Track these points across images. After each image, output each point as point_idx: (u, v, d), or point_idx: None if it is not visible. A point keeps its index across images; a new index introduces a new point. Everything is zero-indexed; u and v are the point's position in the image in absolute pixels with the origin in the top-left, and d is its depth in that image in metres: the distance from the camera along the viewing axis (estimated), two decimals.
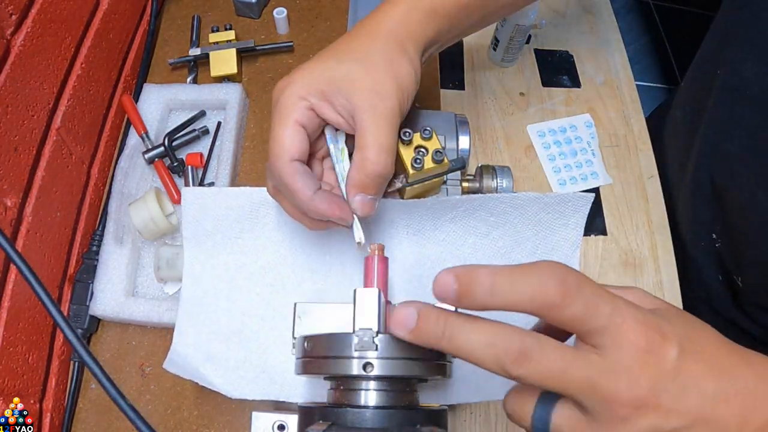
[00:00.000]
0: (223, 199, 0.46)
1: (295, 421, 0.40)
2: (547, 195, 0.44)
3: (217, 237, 0.46)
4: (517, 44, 0.66)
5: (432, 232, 0.47)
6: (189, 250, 0.47)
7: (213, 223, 0.46)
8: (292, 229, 0.46)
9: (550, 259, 0.46)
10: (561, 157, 0.63)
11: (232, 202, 0.46)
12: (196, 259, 0.47)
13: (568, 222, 0.45)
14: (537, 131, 0.65)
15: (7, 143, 0.43)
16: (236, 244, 0.47)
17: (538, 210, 0.45)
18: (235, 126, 0.59)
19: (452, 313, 0.26)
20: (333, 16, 0.71)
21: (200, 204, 0.46)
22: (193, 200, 0.46)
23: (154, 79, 0.66)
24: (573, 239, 0.46)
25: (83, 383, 0.51)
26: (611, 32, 0.74)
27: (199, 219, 0.46)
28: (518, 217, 0.45)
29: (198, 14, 0.70)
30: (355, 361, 0.31)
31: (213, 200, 0.46)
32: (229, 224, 0.46)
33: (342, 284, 0.47)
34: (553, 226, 0.45)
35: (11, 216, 0.44)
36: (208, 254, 0.47)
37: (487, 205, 0.45)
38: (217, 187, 0.47)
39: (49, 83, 0.49)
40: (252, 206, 0.46)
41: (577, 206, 0.44)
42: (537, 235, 0.46)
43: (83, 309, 0.51)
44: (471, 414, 0.51)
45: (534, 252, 0.46)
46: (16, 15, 0.44)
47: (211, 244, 0.47)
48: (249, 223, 0.46)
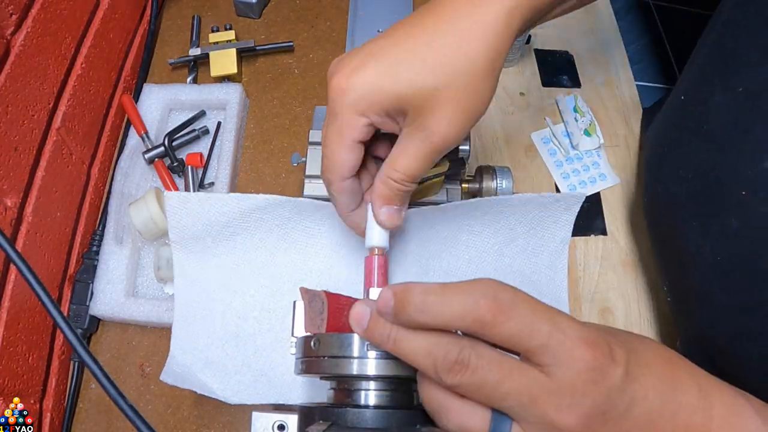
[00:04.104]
0: (211, 206, 0.43)
1: (295, 421, 0.40)
2: (541, 195, 0.44)
3: (206, 240, 0.45)
4: (517, 44, 0.66)
5: (427, 230, 0.47)
6: (178, 254, 0.45)
7: (201, 227, 0.44)
8: (285, 230, 0.46)
9: (541, 256, 0.46)
10: (568, 162, 0.63)
11: (221, 208, 0.43)
12: (186, 263, 0.45)
13: (558, 219, 0.46)
14: (541, 138, 0.65)
15: (7, 143, 0.43)
16: (227, 246, 0.46)
17: (531, 209, 0.45)
18: (235, 126, 0.59)
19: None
20: (333, 16, 0.71)
21: (186, 209, 0.43)
22: (177, 205, 0.43)
23: (154, 79, 0.66)
24: (562, 236, 0.46)
25: (83, 383, 0.51)
26: (611, 32, 0.74)
27: (186, 223, 0.44)
28: (511, 215, 0.46)
29: (198, 14, 0.70)
30: (361, 360, 0.31)
31: (199, 206, 0.43)
32: (218, 228, 0.44)
33: (338, 283, 0.47)
34: (545, 224, 0.46)
35: (11, 216, 0.44)
36: (198, 257, 0.45)
37: (481, 206, 0.45)
38: (205, 193, 0.46)
39: (49, 83, 0.49)
40: (242, 212, 0.44)
41: (568, 204, 0.45)
42: (529, 232, 0.46)
43: (83, 309, 0.51)
44: None
45: (525, 249, 0.47)
46: (16, 15, 0.44)
47: (201, 248, 0.45)
48: (240, 227, 0.45)
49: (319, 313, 0.34)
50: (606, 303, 0.57)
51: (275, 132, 0.63)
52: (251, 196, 0.43)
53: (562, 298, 0.47)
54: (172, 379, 0.41)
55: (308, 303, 0.34)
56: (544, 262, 0.47)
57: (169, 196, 0.43)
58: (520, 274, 0.47)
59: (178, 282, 0.46)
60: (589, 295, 0.57)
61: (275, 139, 0.63)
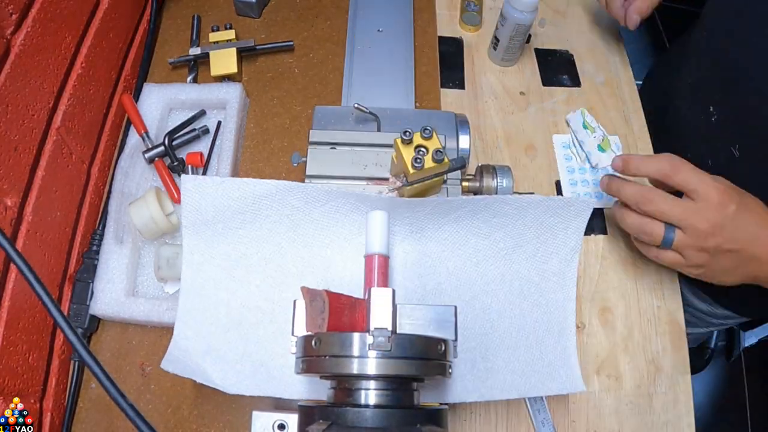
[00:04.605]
0: (225, 189, 0.45)
1: (295, 420, 0.40)
2: (551, 198, 0.44)
3: (217, 226, 0.46)
4: (517, 44, 0.66)
5: (434, 231, 0.47)
6: (188, 239, 0.46)
7: (213, 213, 0.45)
8: (294, 221, 0.46)
9: (550, 263, 0.46)
10: (580, 171, 0.63)
11: (234, 192, 0.45)
12: (195, 248, 0.46)
13: (569, 226, 0.45)
14: (561, 142, 0.65)
15: (7, 143, 0.43)
16: (237, 235, 0.46)
17: (541, 213, 0.45)
18: (235, 125, 0.59)
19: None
20: (333, 16, 0.71)
21: (201, 193, 0.45)
22: (193, 188, 0.44)
23: (154, 79, 0.66)
24: (573, 244, 0.46)
25: (83, 383, 0.51)
26: (611, 32, 0.74)
27: (199, 208, 0.45)
28: (520, 219, 0.45)
29: (198, 14, 0.70)
30: (362, 360, 0.31)
31: (214, 190, 0.45)
32: (230, 214, 0.45)
33: (343, 279, 0.47)
34: (554, 230, 0.46)
35: (11, 216, 0.44)
36: (207, 243, 0.46)
37: (491, 207, 0.45)
38: (220, 177, 0.47)
39: (49, 83, 0.49)
40: (254, 198, 0.45)
41: (578, 210, 0.44)
42: (538, 238, 0.46)
43: (83, 308, 0.51)
44: (471, 414, 0.51)
45: (534, 255, 0.46)
46: (16, 14, 0.44)
47: (211, 233, 0.46)
48: (251, 214, 0.46)
49: (320, 313, 0.34)
50: (606, 303, 0.57)
51: (275, 132, 0.63)
52: (265, 180, 0.44)
53: (569, 308, 0.46)
54: (173, 367, 0.41)
55: (309, 302, 0.34)
56: (553, 270, 0.46)
57: (185, 179, 0.44)
58: (527, 281, 0.46)
59: (185, 268, 0.46)
60: (589, 295, 0.57)
61: (275, 139, 0.63)
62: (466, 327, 0.45)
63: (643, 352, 0.55)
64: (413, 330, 0.38)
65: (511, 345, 0.45)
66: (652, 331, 0.55)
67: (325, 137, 0.51)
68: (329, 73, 0.67)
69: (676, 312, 0.56)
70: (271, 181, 0.44)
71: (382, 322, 0.35)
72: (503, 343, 0.45)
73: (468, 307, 0.46)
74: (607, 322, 0.56)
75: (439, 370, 0.34)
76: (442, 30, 0.72)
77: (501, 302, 0.46)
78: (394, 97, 0.62)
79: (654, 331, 0.56)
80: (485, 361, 0.45)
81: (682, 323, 0.56)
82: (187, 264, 0.46)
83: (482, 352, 0.45)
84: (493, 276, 0.47)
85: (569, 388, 0.44)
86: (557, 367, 0.45)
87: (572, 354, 0.45)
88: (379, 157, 0.50)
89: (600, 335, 0.55)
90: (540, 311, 0.46)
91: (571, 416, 0.52)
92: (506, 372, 0.45)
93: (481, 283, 0.46)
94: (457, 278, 0.47)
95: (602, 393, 0.53)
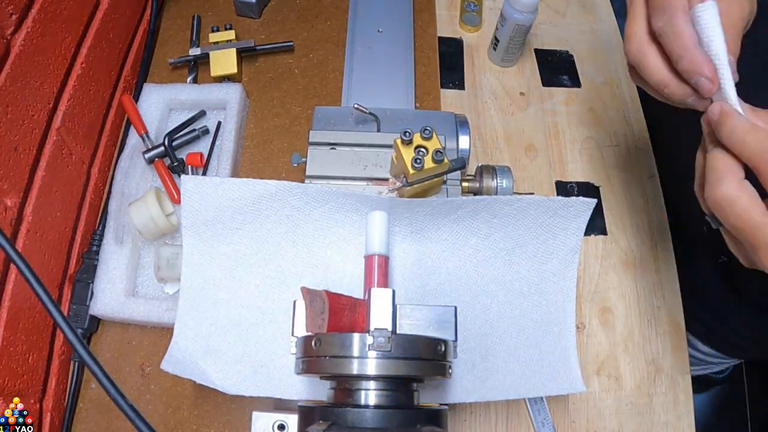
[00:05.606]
0: (225, 189, 0.45)
1: (295, 420, 0.40)
2: (551, 198, 0.44)
3: (217, 227, 0.46)
4: (517, 44, 0.66)
5: (434, 231, 0.47)
6: (188, 239, 0.46)
7: (213, 213, 0.45)
8: (293, 222, 0.46)
9: (550, 263, 0.46)
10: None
11: (233, 193, 0.45)
12: (195, 249, 0.46)
13: (568, 226, 0.45)
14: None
15: (7, 143, 0.43)
16: (237, 235, 0.46)
17: (540, 213, 0.45)
18: (235, 126, 0.59)
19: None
20: (333, 16, 0.71)
21: (201, 193, 0.45)
22: (193, 189, 0.44)
23: (154, 79, 0.66)
24: (573, 244, 0.46)
25: (83, 383, 0.51)
26: (611, 32, 0.74)
27: (199, 208, 0.45)
28: (520, 220, 0.45)
29: (198, 14, 0.70)
30: (362, 360, 0.31)
31: (214, 190, 0.45)
32: (230, 215, 0.45)
33: (343, 279, 0.47)
34: (554, 230, 0.45)
35: (11, 216, 0.44)
36: (207, 244, 0.46)
37: (490, 207, 0.45)
38: (219, 177, 0.47)
39: (49, 83, 0.49)
40: (254, 198, 0.45)
41: (578, 211, 0.44)
42: (538, 238, 0.46)
43: (83, 309, 0.51)
44: (471, 414, 0.51)
45: (534, 255, 0.46)
46: (16, 15, 0.44)
47: (211, 234, 0.46)
48: (251, 214, 0.46)
49: (320, 313, 0.34)
50: (606, 303, 0.57)
51: (275, 132, 0.63)
52: (264, 181, 0.44)
53: (568, 309, 0.46)
54: (172, 368, 0.41)
55: (309, 302, 0.34)
56: (552, 270, 0.46)
57: (185, 180, 0.44)
58: (527, 281, 0.46)
59: (185, 268, 0.46)
60: (589, 295, 0.57)
61: (275, 139, 0.63)
62: (466, 327, 0.45)
63: (643, 352, 0.55)
64: (413, 330, 0.37)
65: (511, 345, 0.45)
66: (652, 332, 0.55)
67: (324, 138, 0.51)
68: (329, 73, 0.67)
69: (676, 312, 0.56)
70: (271, 181, 0.44)
71: (382, 322, 0.35)
72: (503, 343, 0.45)
73: (468, 308, 0.46)
74: (607, 322, 0.56)
75: (439, 370, 0.34)
76: (442, 30, 0.72)
77: (501, 303, 0.46)
78: (394, 97, 0.62)
79: (654, 331, 0.56)
80: (485, 362, 0.45)
81: (682, 323, 0.56)
82: (186, 264, 0.46)
83: (482, 353, 0.45)
84: (493, 276, 0.47)
85: (569, 389, 0.44)
86: (557, 367, 0.45)
87: (572, 354, 0.45)
88: (378, 157, 0.50)
89: (600, 335, 0.55)
90: (540, 312, 0.46)
91: (571, 416, 0.52)
92: (506, 372, 0.45)
93: (480, 283, 0.46)
94: (457, 279, 0.46)
95: (602, 393, 0.53)
